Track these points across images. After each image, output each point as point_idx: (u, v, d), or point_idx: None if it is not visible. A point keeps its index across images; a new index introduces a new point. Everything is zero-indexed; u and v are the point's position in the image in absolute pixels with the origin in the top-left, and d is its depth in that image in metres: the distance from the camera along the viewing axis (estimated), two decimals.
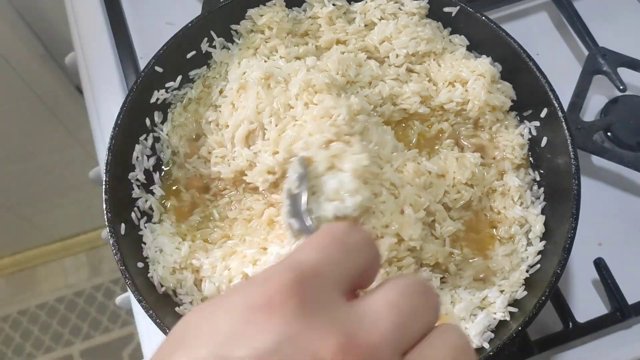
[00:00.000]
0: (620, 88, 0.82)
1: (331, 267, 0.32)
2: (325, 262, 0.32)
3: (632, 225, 0.79)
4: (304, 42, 0.77)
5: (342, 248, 0.34)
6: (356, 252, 0.34)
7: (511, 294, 0.64)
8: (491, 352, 0.58)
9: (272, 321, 0.29)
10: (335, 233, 0.34)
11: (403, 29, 0.75)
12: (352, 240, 0.34)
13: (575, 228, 0.62)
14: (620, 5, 0.95)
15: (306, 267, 0.32)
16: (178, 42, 0.73)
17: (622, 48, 0.85)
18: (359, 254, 0.34)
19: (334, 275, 0.32)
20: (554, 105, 0.67)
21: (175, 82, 0.74)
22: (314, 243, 0.34)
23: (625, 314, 0.71)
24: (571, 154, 0.65)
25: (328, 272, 0.32)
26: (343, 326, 0.30)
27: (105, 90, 0.89)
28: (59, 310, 1.94)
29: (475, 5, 0.75)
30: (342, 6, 0.78)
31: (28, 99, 1.38)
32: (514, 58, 0.71)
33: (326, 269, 0.32)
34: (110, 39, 0.91)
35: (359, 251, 0.34)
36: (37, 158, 1.61)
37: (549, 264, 0.63)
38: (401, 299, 0.32)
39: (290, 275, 0.31)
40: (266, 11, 0.76)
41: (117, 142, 0.67)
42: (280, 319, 0.29)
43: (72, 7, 0.97)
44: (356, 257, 0.34)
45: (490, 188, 0.70)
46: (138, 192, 0.69)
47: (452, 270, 0.64)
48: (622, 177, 0.82)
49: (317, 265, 0.32)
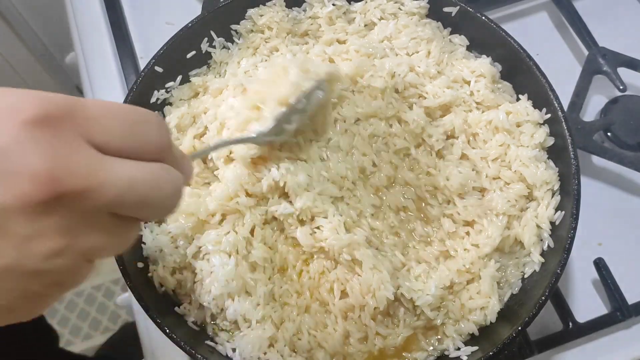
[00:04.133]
0: (620, 88, 0.82)
1: (101, 124, 0.34)
2: (101, 118, 0.34)
3: (632, 225, 0.79)
4: (304, 42, 0.77)
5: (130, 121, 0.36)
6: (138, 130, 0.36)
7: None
8: (491, 352, 0.58)
9: (10, 125, 0.31)
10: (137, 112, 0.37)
11: (403, 29, 0.75)
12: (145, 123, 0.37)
13: (575, 228, 0.62)
14: (620, 5, 0.95)
15: (85, 111, 0.34)
16: (178, 42, 0.73)
17: (622, 48, 0.85)
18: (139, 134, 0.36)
19: (97, 130, 0.34)
20: (554, 105, 0.67)
21: (175, 82, 0.74)
22: (109, 105, 0.36)
23: (625, 314, 0.71)
24: (571, 154, 0.65)
25: (94, 125, 0.34)
26: (71, 160, 0.32)
27: (105, 90, 0.89)
28: (59, 310, 1.94)
29: (475, 5, 0.75)
30: (342, 6, 0.78)
31: None
32: (514, 58, 0.71)
33: (95, 122, 0.34)
34: (110, 39, 0.91)
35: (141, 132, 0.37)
36: None
37: (549, 264, 0.63)
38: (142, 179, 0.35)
39: (59, 105, 0.33)
40: (266, 11, 0.76)
41: None
42: (19, 127, 0.31)
43: (72, 7, 0.97)
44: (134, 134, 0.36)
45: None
46: None
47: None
48: (622, 177, 0.82)
49: (93, 115, 0.34)
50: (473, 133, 0.70)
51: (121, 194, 0.34)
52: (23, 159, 0.31)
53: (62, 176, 0.31)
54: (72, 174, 0.32)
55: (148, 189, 0.36)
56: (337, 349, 0.61)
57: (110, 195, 0.33)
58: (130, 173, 0.34)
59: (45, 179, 0.31)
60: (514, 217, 0.67)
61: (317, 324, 0.62)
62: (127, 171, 0.34)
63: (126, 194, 0.34)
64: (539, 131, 0.69)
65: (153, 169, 0.36)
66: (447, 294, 0.63)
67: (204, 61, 0.77)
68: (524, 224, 0.66)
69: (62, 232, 0.32)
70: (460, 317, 0.63)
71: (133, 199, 0.35)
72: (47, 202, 0.31)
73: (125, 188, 0.34)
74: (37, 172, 0.31)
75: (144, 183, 0.35)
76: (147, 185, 0.35)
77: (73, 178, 0.32)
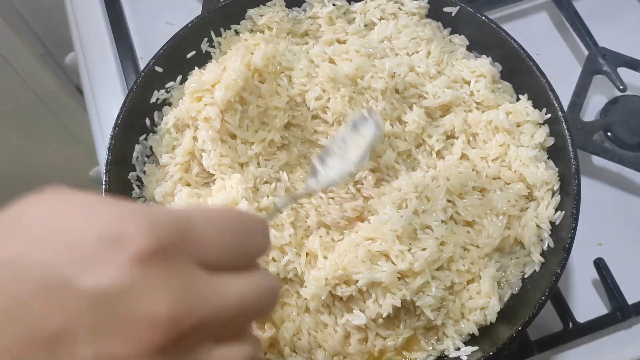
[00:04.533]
0: (620, 88, 0.82)
1: (211, 242, 0.32)
2: (210, 235, 0.32)
3: (632, 225, 0.79)
4: (304, 42, 0.77)
5: (235, 230, 0.34)
6: (245, 241, 0.35)
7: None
8: (491, 352, 0.58)
9: (121, 262, 0.28)
10: (239, 217, 0.35)
11: (403, 29, 0.75)
12: (248, 229, 0.35)
13: (575, 228, 0.62)
14: (620, 5, 0.95)
15: (193, 231, 0.31)
16: (178, 42, 0.73)
17: (622, 48, 0.85)
18: (246, 245, 0.35)
19: (207, 250, 0.32)
20: (554, 105, 0.67)
21: (175, 82, 0.74)
22: (214, 214, 0.34)
23: (625, 314, 0.71)
24: (571, 154, 0.65)
25: (204, 245, 0.32)
26: (188, 295, 0.30)
27: (105, 90, 0.89)
28: None
29: (475, 5, 0.75)
30: (342, 6, 0.78)
31: (28, 99, 1.38)
32: (514, 58, 0.71)
33: (205, 241, 0.32)
34: (110, 39, 0.91)
35: (248, 242, 0.35)
36: (37, 158, 1.61)
37: (549, 264, 0.63)
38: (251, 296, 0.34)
39: (169, 232, 0.30)
40: (266, 11, 0.76)
41: (117, 142, 0.67)
42: (132, 264, 0.28)
43: (72, 7, 0.97)
44: (242, 245, 0.35)
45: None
46: (138, 192, 0.69)
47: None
48: (622, 177, 0.82)
49: (201, 233, 0.32)
50: (473, 133, 0.70)
51: (234, 316, 0.32)
52: (140, 303, 0.28)
53: (181, 316, 0.29)
54: (191, 311, 0.30)
55: (257, 306, 0.35)
56: (337, 349, 0.61)
57: (224, 320, 0.32)
58: (240, 293, 0.33)
59: (166, 323, 0.28)
60: (514, 217, 0.66)
61: (317, 324, 0.62)
62: (237, 292, 0.33)
63: (238, 315, 0.33)
64: (539, 131, 0.69)
65: (259, 283, 0.35)
66: (447, 294, 0.63)
67: (204, 61, 0.76)
68: (524, 224, 0.66)
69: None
70: (460, 317, 0.63)
71: (243, 319, 0.34)
72: (166, 345, 0.29)
73: (238, 309, 0.33)
74: (157, 318, 0.28)
75: (252, 300, 0.34)
76: (255, 302, 0.34)
77: (192, 315, 0.30)
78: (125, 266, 0.28)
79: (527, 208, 0.67)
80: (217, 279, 0.32)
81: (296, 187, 0.68)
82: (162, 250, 0.29)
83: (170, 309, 0.28)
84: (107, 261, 0.28)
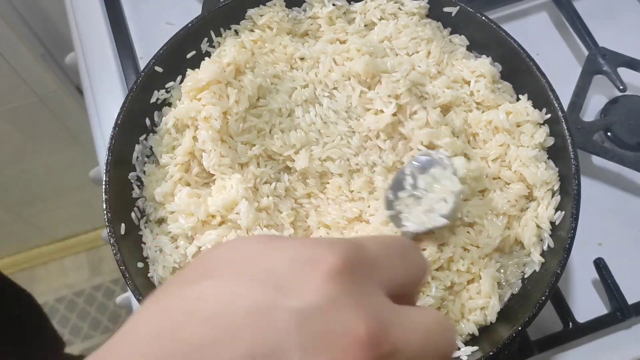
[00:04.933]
0: (620, 88, 0.82)
1: (386, 265, 0.33)
2: (383, 258, 0.33)
3: (632, 225, 0.79)
4: (304, 42, 0.77)
5: (402, 255, 0.35)
6: (411, 265, 0.35)
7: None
8: (491, 352, 0.58)
9: (317, 279, 0.29)
10: (402, 242, 0.36)
11: (403, 29, 0.75)
12: (412, 254, 0.36)
13: (575, 228, 0.62)
14: (620, 5, 0.95)
15: (369, 253, 0.32)
16: (178, 42, 0.73)
17: (622, 48, 0.85)
18: (412, 269, 0.35)
19: (385, 273, 0.33)
20: (554, 105, 0.67)
21: (175, 82, 0.74)
22: (380, 239, 0.35)
23: (625, 314, 0.71)
24: (571, 154, 0.65)
25: (381, 268, 0.33)
26: (381, 316, 0.30)
27: (105, 90, 0.89)
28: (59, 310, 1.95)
29: (475, 5, 0.75)
30: (342, 6, 0.78)
31: (28, 99, 1.38)
32: (514, 58, 0.71)
33: (382, 264, 0.33)
34: (110, 39, 0.91)
35: (413, 266, 0.36)
36: (37, 158, 1.61)
37: (549, 264, 0.63)
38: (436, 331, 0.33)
39: (350, 251, 0.31)
40: (266, 11, 0.76)
41: (117, 142, 0.67)
42: (327, 281, 0.29)
43: (72, 7, 0.97)
44: (409, 269, 0.35)
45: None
46: (138, 192, 0.69)
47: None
48: (622, 177, 0.82)
49: (377, 257, 0.33)
50: (473, 133, 0.70)
51: (417, 351, 0.31)
52: (339, 318, 0.28)
53: (379, 335, 0.29)
54: (387, 333, 0.29)
55: (440, 339, 0.33)
56: None
57: (414, 351, 0.31)
58: (425, 326, 0.32)
59: (367, 340, 0.28)
60: (514, 217, 0.67)
61: None
62: (422, 325, 0.32)
63: (424, 349, 0.32)
64: (539, 131, 0.69)
65: (439, 319, 0.34)
66: (447, 295, 0.63)
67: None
68: (524, 224, 0.66)
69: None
70: (460, 317, 0.63)
71: (431, 353, 0.32)
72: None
73: (423, 342, 0.32)
74: (358, 334, 0.28)
75: (437, 337, 0.33)
76: (439, 341, 0.33)
77: (388, 337, 0.29)
78: (322, 283, 0.29)
79: (527, 208, 0.67)
80: (399, 306, 0.32)
81: (296, 188, 0.68)
82: (350, 267, 0.30)
83: (368, 324, 0.29)
84: (305, 280, 0.29)
